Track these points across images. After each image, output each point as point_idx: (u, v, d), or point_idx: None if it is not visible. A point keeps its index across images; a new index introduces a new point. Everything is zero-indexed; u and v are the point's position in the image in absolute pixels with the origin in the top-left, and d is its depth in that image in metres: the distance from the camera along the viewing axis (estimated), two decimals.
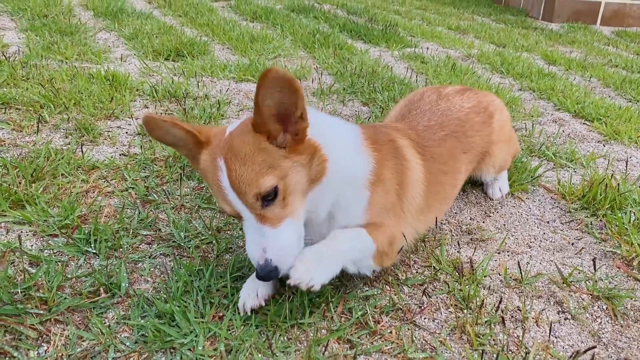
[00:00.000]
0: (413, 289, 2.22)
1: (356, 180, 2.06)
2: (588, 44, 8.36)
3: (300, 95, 1.72)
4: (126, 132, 3.42)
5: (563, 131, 4.26)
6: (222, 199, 1.79)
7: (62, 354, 1.71)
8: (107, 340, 1.77)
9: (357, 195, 2.07)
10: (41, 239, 2.28)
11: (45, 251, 2.20)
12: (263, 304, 1.91)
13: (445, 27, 9.07)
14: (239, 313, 1.91)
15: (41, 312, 1.86)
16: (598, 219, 2.87)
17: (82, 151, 3.02)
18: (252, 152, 1.74)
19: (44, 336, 1.78)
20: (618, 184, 3.04)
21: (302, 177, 1.83)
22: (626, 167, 3.53)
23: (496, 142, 2.81)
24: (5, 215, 2.38)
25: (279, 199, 1.77)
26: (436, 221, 2.55)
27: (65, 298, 1.93)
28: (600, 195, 2.97)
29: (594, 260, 2.37)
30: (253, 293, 1.91)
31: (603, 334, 2.07)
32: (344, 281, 2.19)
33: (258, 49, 5.92)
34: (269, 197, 1.74)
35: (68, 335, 1.79)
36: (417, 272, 2.34)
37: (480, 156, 2.79)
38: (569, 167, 3.55)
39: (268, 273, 1.73)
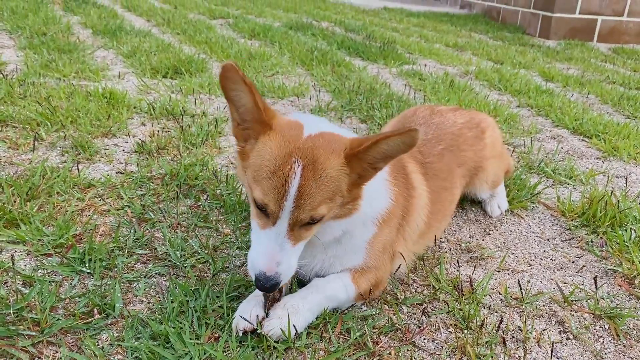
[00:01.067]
0: (412, 309, 2.19)
1: (369, 217, 2.08)
2: (585, 61, 8.40)
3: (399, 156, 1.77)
4: (123, 150, 3.41)
5: (562, 148, 4.25)
6: (274, 198, 1.70)
7: None
8: None
9: (365, 229, 2.09)
10: (35, 258, 2.25)
11: (39, 271, 2.17)
12: (257, 328, 1.87)
13: (443, 44, 9.12)
14: (237, 334, 1.87)
15: (33, 333, 1.82)
16: (598, 237, 2.84)
17: (78, 169, 3.00)
18: (332, 178, 1.73)
19: (36, 359, 1.74)
20: (618, 201, 3.02)
21: (334, 213, 1.85)
22: (626, 183, 3.51)
23: (488, 158, 2.83)
24: None
25: (314, 224, 1.78)
26: (435, 240, 2.53)
27: (58, 319, 1.89)
28: (600, 212, 2.95)
29: (595, 278, 2.34)
30: (248, 315, 1.88)
31: (606, 354, 2.03)
32: None
33: (256, 66, 5.93)
34: (312, 222, 1.76)
35: (60, 358, 1.75)
36: (416, 292, 2.30)
37: (474, 171, 2.80)
38: (568, 184, 3.53)
39: (273, 286, 1.72)
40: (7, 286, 2.04)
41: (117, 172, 3.09)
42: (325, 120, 2.11)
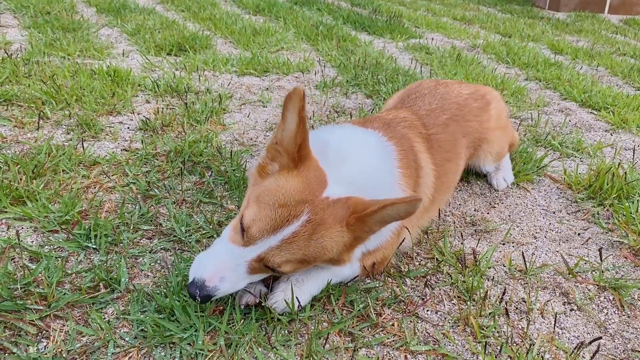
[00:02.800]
0: (415, 281, 2.19)
1: (384, 233, 2.05)
2: (595, 33, 8.26)
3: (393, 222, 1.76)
4: (128, 128, 3.41)
5: (569, 121, 4.20)
6: (265, 225, 1.66)
7: (62, 350, 1.70)
8: (107, 335, 1.76)
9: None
10: (41, 234, 2.27)
11: (46, 247, 2.19)
12: (261, 300, 1.88)
13: (451, 18, 8.99)
14: (240, 307, 1.89)
15: (41, 307, 1.84)
16: (605, 209, 2.83)
17: (83, 147, 3.01)
18: (324, 246, 1.71)
19: (44, 332, 1.77)
20: (625, 173, 3.00)
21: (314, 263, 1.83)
22: (633, 155, 3.48)
23: (493, 129, 2.81)
24: (6, 212, 2.37)
25: (272, 271, 1.77)
26: (439, 213, 2.52)
27: (64, 294, 1.92)
28: (607, 184, 2.93)
29: (600, 250, 2.34)
30: (252, 289, 1.89)
31: (609, 324, 2.03)
32: None
33: (260, 42, 5.89)
34: (274, 271, 1.75)
35: (67, 331, 1.77)
36: (419, 264, 2.31)
37: (478, 142, 2.78)
38: (575, 157, 3.50)
39: (205, 297, 1.68)
40: (14, 262, 2.07)
41: (122, 150, 3.10)
42: (360, 144, 2.09)
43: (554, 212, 2.83)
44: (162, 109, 3.73)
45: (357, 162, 1.91)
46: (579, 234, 2.64)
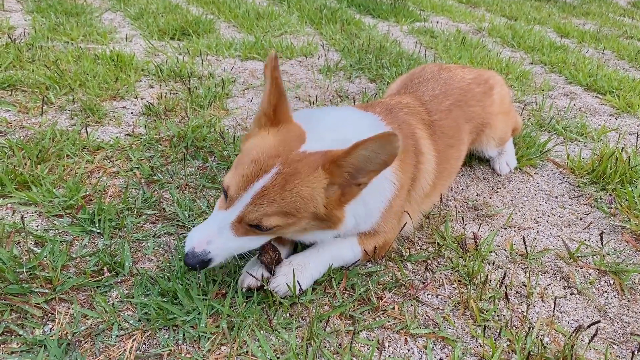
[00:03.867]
0: (417, 266, 2.21)
1: (371, 213, 2.04)
2: (603, 16, 8.17)
3: (382, 170, 1.71)
4: (131, 113, 3.42)
5: (574, 105, 4.18)
6: (238, 184, 1.71)
7: (67, 332, 1.73)
8: (111, 318, 1.79)
9: (371, 218, 2.07)
10: (46, 219, 2.29)
11: (50, 231, 2.22)
12: (263, 283, 1.90)
13: (456, 1, 8.90)
14: (242, 290, 1.91)
15: (46, 291, 1.87)
16: (607, 193, 2.83)
17: (87, 132, 3.02)
18: (300, 195, 1.70)
19: (49, 315, 1.80)
20: (629, 158, 2.99)
21: (305, 226, 1.83)
22: (637, 140, 3.46)
23: (496, 114, 2.80)
24: (11, 197, 2.39)
25: (265, 232, 1.77)
26: (441, 198, 2.53)
27: (69, 277, 1.94)
28: (610, 169, 2.92)
29: (601, 234, 2.34)
30: (254, 272, 1.91)
31: (609, 308, 2.05)
32: None
33: (264, 26, 5.86)
34: (260, 229, 1.74)
35: (72, 314, 1.80)
36: (421, 249, 2.32)
37: (481, 127, 2.77)
38: (579, 141, 3.49)
39: (199, 262, 1.72)
40: (19, 246, 2.09)
41: (125, 135, 3.11)
42: (344, 114, 2.10)
43: (556, 197, 2.83)
44: (166, 93, 3.73)
45: (343, 133, 1.86)
46: (581, 219, 2.64)
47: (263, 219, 1.70)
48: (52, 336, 1.70)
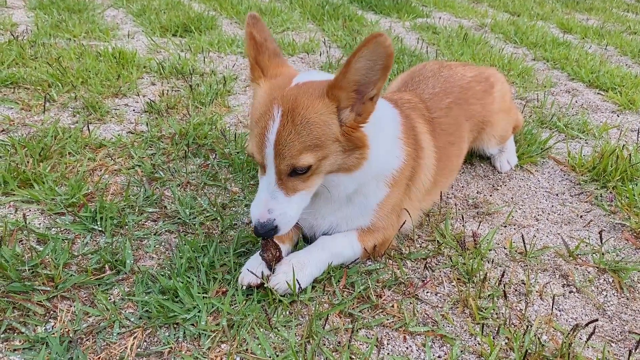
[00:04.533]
0: (416, 263, 2.22)
1: (382, 176, 2.08)
2: (606, 11, 8.13)
3: (386, 76, 1.69)
4: (133, 110, 3.43)
5: (576, 101, 4.17)
6: (257, 145, 1.76)
7: (69, 330, 1.75)
8: (112, 315, 1.80)
9: (378, 190, 2.09)
10: (48, 217, 2.31)
11: (53, 229, 2.23)
12: (264, 281, 1.91)
13: None
14: (242, 288, 1.92)
15: (48, 289, 1.89)
16: (608, 191, 2.83)
17: (89, 129, 3.04)
18: (313, 123, 1.72)
19: (51, 312, 1.82)
20: (630, 155, 2.98)
21: (336, 163, 1.84)
22: (638, 137, 3.46)
23: (497, 112, 2.80)
24: (13, 194, 2.41)
25: (306, 175, 1.79)
26: (441, 196, 2.54)
27: (71, 275, 1.96)
28: (611, 166, 2.92)
29: (600, 232, 2.34)
30: (254, 270, 1.92)
31: (608, 306, 2.05)
32: None
33: (266, 22, 5.84)
34: (300, 172, 1.76)
35: (74, 311, 1.82)
36: (420, 247, 2.33)
37: (481, 125, 2.78)
38: (580, 139, 3.49)
39: (268, 231, 1.78)
40: (22, 244, 2.11)
41: (127, 132, 3.12)
42: (326, 74, 2.11)
43: (556, 195, 2.83)
44: (167, 91, 3.74)
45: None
46: (581, 217, 2.64)
47: (295, 161, 1.73)
48: (54, 334, 1.72)
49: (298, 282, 1.90)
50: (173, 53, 4.57)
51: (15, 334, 1.72)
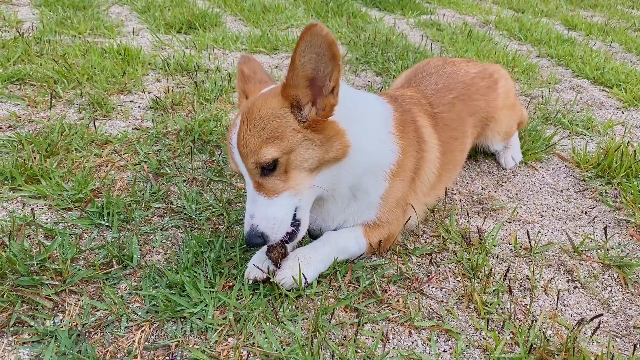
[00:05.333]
0: (421, 259, 2.23)
1: (378, 169, 2.08)
2: (611, 7, 8.11)
3: (338, 64, 1.68)
4: (139, 106, 3.45)
5: (581, 98, 4.17)
6: (230, 156, 1.86)
7: (77, 323, 1.76)
8: (120, 310, 1.82)
9: (377, 184, 2.10)
10: (56, 212, 2.33)
11: (60, 224, 2.25)
12: (269, 276, 1.93)
13: None
14: (248, 282, 1.93)
15: (56, 283, 1.91)
16: (613, 187, 2.83)
17: (95, 126, 3.05)
18: (267, 118, 1.76)
19: (59, 306, 1.84)
20: (634, 151, 2.98)
21: (311, 155, 1.83)
22: None
23: (501, 108, 2.81)
24: (21, 190, 2.43)
25: (279, 172, 1.79)
26: (446, 191, 2.54)
27: (79, 270, 1.98)
28: (616, 163, 2.92)
29: (605, 228, 2.35)
30: (260, 265, 1.94)
31: (613, 302, 2.06)
32: None
33: (270, 19, 5.86)
34: (268, 168, 1.77)
35: (82, 305, 1.84)
36: (425, 242, 2.34)
37: (485, 121, 2.78)
38: (585, 135, 3.49)
39: (253, 239, 1.79)
40: (30, 239, 2.13)
41: (133, 128, 3.14)
42: None
43: (561, 191, 2.84)
44: (172, 87, 3.76)
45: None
46: (585, 213, 2.65)
47: (257, 157, 1.75)
48: (62, 327, 1.73)
49: (304, 277, 1.91)
50: (178, 50, 4.59)
51: (25, 328, 1.73)
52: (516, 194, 2.79)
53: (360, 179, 2.04)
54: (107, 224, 2.26)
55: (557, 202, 2.74)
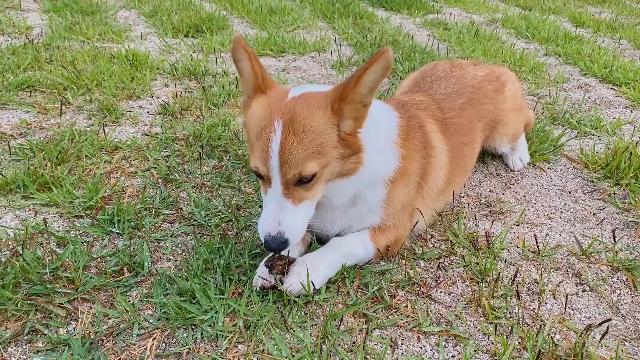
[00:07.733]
0: (429, 263, 2.24)
1: (376, 179, 2.09)
2: (620, 4, 8.05)
3: (380, 83, 1.74)
4: (147, 112, 3.48)
5: (589, 97, 4.15)
6: (260, 158, 1.79)
7: (90, 331, 1.79)
8: (132, 317, 1.84)
9: (374, 191, 2.11)
10: (67, 220, 2.36)
11: (71, 232, 2.28)
12: (277, 284, 1.94)
13: None
14: (256, 289, 1.95)
15: (69, 291, 1.94)
16: (621, 189, 2.82)
17: (104, 132, 3.09)
18: (315, 131, 1.76)
19: (72, 314, 1.87)
20: None
21: (335, 169, 1.87)
22: None
23: (509, 111, 2.81)
24: (33, 198, 2.46)
25: (311, 184, 1.81)
26: (454, 195, 2.55)
27: (91, 277, 2.01)
28: (625, 163, 2.91)
29: (613, 231, 2.35)
30: (265, 276, 1.95)
31: (622, 305, 2.06)
32: None
33: (277, 21, 5.88)
34: (305, 180, 1.79)
35: (95, 313, 1.86)
36: (433, 247, 2.35)
37: (493, 124, 2.79)
38: (593, 135, 3.48)
39: (279, 244, 1.79)
40: (42, 247, 2.16)
41: (142, 134, 3.17)
42: (319, 86, 2.15)
43: (569, 192, 2.83)
44: (181, 92, 3.78)
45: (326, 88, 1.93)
46: (594, 214, 2.64)
47: (301, 170, 1.75)
48: (75, 335, 1.76)
49: (312, 283, 1.93)
50: (185, 54, 4.61)
51: (39, 336, 1.76)
52: (524, 196, 2.79)
53: (360, 189, 2.07)
54: (117, 231, 2.29)
55: (565, 203, 2.73)
